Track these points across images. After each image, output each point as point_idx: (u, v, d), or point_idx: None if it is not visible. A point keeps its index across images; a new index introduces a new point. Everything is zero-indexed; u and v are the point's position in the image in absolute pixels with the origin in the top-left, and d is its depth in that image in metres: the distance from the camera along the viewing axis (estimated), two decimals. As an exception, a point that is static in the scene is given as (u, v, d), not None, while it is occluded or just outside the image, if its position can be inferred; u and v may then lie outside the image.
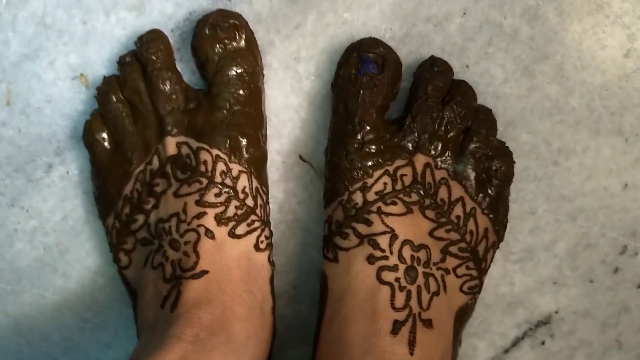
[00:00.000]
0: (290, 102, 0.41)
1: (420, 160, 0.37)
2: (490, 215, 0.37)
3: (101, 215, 0.41)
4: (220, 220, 0.36)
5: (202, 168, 0.37)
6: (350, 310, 0.35)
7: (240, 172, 0.37)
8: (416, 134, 0.37)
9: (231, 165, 0.37)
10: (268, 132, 0.41)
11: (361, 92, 0.36)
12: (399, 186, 0.36)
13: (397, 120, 0.38)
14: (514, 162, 0.38)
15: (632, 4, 0.38)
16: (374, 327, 0.34)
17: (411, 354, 0.33)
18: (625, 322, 0.42)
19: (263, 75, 0.40)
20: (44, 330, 0.45)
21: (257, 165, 0.38)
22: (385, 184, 0.36)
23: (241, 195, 0.37)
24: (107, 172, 0.39)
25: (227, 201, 0.37)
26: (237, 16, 0.38)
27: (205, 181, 0.36)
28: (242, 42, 0.38)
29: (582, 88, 0.39)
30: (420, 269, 0.35)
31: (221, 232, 0.36)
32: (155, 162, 0.38)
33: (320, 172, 0.41)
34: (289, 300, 0.43)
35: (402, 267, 0.35)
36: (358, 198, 0.36)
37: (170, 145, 0.38)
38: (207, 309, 0.34)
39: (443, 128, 0.37)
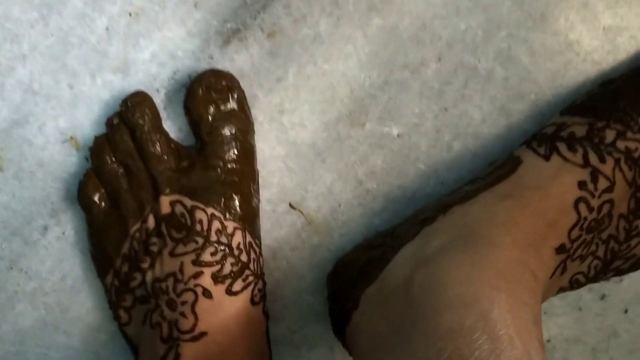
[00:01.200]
0: (276, 152, 0.42)
1: None
2: None
3: (99, 273, 0.41)
4: (217, 279, 0.37)
5: (198, 227, 0.38)
6: (534, 204, 0.34)
7: (235, 228, 0.38)
8: None
9: (226, 223, 0.38)
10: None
11: None
12: None
13: None
14: None
15: (601, 41, 0.39)
16: (546, 232, 0.34)
17: (551, 277, 0.34)
18: (615, 346, 0.43)
19: (254, 132, 0.41)
20: (49, 388, 0.46)
21: (250, 220, 0.39)
22: (637, 149, 0.36)
23: (236, 252, 0.38)
24: (104, 231, 0.40)
25: (223, 259, 0.37)
26: (230, 77, 0.39)
27: (201, 240, 0.37)
28: (235, 103, 0.39)
29: (558, 124, 0.40)
30: (596, 231, 0.35)
31: (218, 290, 0.37)
32: (151, 221, 0.39)
33: (310, 219, 0.42)
34: (287, 346, 0.44)
35: (594, 215, 0.35)
36: (610, 136, 0.35)
37: (165, 204, 0.38)
38: None
39: None
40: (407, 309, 0.32)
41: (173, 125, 0.41)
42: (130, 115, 0.39)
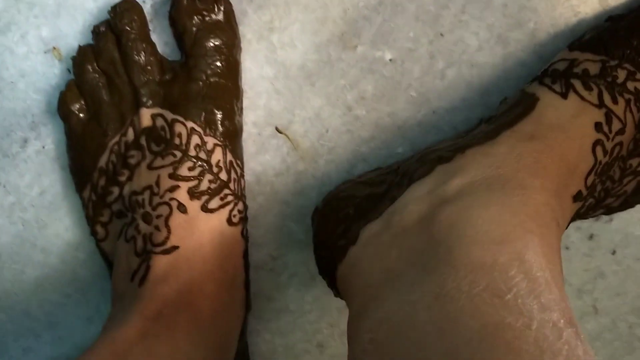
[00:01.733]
0: (264, 73, 0.40)
1: None
2: (635, 188, 0.37)
3: (77, 187, 0.41)
4: (193, 194, 0.36)
5: (177, 141, 0.37)
6: (557, 146, 0.33)
7: (215, 145, 0.37)
8: None
9: (206, 139, 0.37)
10: (244, 104, 0.41)
11: None
12: None
13: None
14: None
15: (606, -31, 0.38)
16: (568, 179, 0.32)
17: (565, 228, 0.33)
18: (601, 287, 0.42)
19: (240, 49, 0.40)
20: (25, 306, 0.45)
21: (232, 139, 0.38)
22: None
23: (215, 169, 0.37)
24: (83, 143, 0.39)
25: (201, 175, 0.37)
26: None
27: (179, 154, 0.36)
28: (221, 15, 0.38)
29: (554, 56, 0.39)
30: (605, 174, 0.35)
31: (194, 206, 0.36)
32: (130, 134, 0.38)
33: (297, 144, 0.41)
34: (267, 272, 0.43)
35: (607, 158, 0.34)
36: (621, 76, 0.34)
37: (145, 117, 0.37)
38: (174, 286, 0.34)
39: None
40: (428, 244, 0.30)
41: (159, 40, 0.40)
42: (117, 21, 0.37)
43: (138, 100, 0.38)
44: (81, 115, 0.39)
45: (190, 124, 0.37)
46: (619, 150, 0.34)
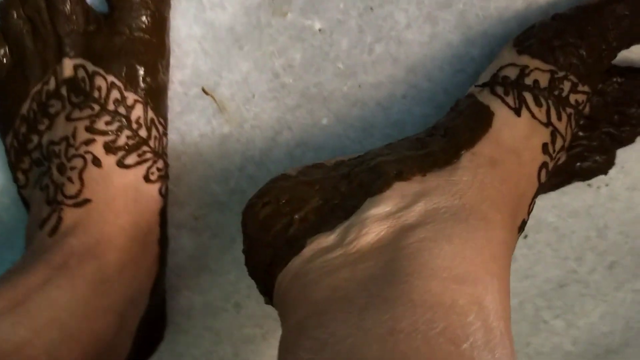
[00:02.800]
0: (193, 32, 0.40)
1: (587, 108, 0.36)
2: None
3: (1, 133, 0.41)
4: (109, 148, 0.36)
5: (96, 94, 0.37)
6: (510, 174, 0.32)
7: (136, 101, 0.37)
8: (605, 95, 0.36)
9: (126, 94, 0.37)
10: (171, 62, 0.40)
11: (633, 29, 0.34)
12: (584, 112, 0.35)
13: (617, 68, 0.36)
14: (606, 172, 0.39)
15: (539, -44, 0.38)
16: (516, 208, 0.32)
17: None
18: (511, 269, 0.43)
19: (169, 6, 0.39)
20: (-50, 246, 0.46)
21: (155, 96, 0.38)
22: (582, 102, 0.34)
23: (134, 126, 0.37)
24: (6, 89, 0.39)
25: (119, 130, 0.37)
26: None
27: (97, 107, 0.36)
28: None
29: (484, 39, 0.39)
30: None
31: (109, 161, 0.36)
32: (52, 83, 0.38)
33: (222, 107, 0.41)
34: (189, 231, 0.44)
35: (546, 177, 0.34)
36: (566, 89, 0.34)
37: (68, 67, 0.37)
38: (82, 238, 0.35)
39: (615, 113, 0.37)
40: (386, 271, 0.28)
41: (89, -9, 0.39)
42: None
43: (61, 49, 0.37)
44: (5, 60, 0.39)
45: (110, 78, 0.37)
46: (554, 165, 0.34)
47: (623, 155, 0.40)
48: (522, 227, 0.33)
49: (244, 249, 0.34)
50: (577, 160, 0.38)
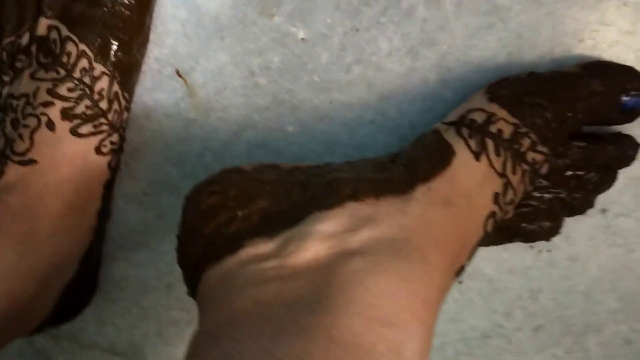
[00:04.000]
0: (178, 13, 0.40)
1: (545, 169, 0.36)
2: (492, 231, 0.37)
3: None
4: (66, 115, 0.36)
5: (65, 59, 0.36)
6: (459, 219, 0.32)
7: (103, 73, 0.37)
8: (565, 157, 0.36)
9: (95, 65, 0.37)
10: (150, 39, 0.40)
11: (609, 105, 0.35)
12: (540, 172, 0.35)
13: (580, 133, 0.37)
14: (550, 239, 0.40)
15: (532, 18, 0.37)
16: (458, 254, 0.32)
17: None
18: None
19: (158, -19, 0.39)
20: None
21: (124, 71, 0.38)
22: (539, 161, 0.35)
23: (96, 97, 0.37)
24: None
25: (80, 98, 0.37)
26: None
27: (62, 72, 0.36)
28: None
29: (459, 84, 0.39)
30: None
31: (63, 126, 0.36)
32: (25, 39, 0.37)
33: (193, 92, 0.41)
34: (136, 206, 0.44)
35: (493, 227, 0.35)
36: (525, 145, 0.34)
37: (42, 26, 0.37)
38: (19, 197, 0.35)
39: (570, 174, 0.37)
40: (315, 294, 0.27)
41: (83, -51, 0.39)
42: None
43: (40, 8, 0.37)
44: None
45: (82, 46, 0.37)
46: (501, 218, 0.35)
47: (572, 225, 0.41)
48: (459, 273, 0.33)
49: (178, 235, 0.33)
50: (524, 220, 0.38)
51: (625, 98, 0.35)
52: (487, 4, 0.37)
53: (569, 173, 0.37)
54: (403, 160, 0.34)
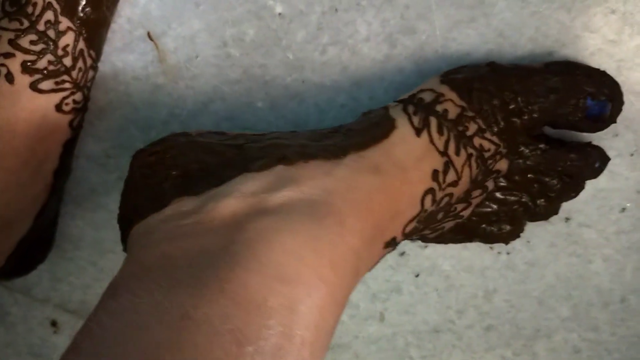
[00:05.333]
0: (154, -26, 0.38)
1: (502, 165, 0.35)
2: (452, 228, 0.37)
3: None
4: (26, 68, 0.35)
5: (29, 9, 0.35)
6: (393, 188, 0.32)
7: (69, 28, 0.36)
8: (526, 158, 0.36)
9: (61, 19, 0.36)
10: (124, -4, 0.39)
11: (568, 100, 0.34)
12: (489, 162, 0.35)
13: (538, 132, 0.36)
14: (509, 243, 0.39)
15: (516, 14, 0.36)
16: (387, 224, 0.31)
17: (369, 270, 0.33)
18: (394, 300, 0.43)
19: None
20: None
21: (92, 28, 0.37)
22: (489, 149, 0.34)
23: (60, 52, 0.36)
24: None
25: (42, 52, 0.35)
26: None
27: (26, 23, 0.35)
28: None
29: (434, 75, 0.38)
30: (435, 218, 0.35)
31: (23, 80, 0.35)
32: None
33: (163, 57, 0.40)
34: (98, 166, 0.43)
35: (434, 207, 0.34)
36: (472, 129, 0.34)
37: None
38: None
39: (532, 177, 0.36)
40: (219, 250, 0.26)
41: None
42: None
43: None
44: None
45: None
46: (447, 201, 0.34)
47: (534, 230, 0.40)
48: (390, 244, 0.32)
49: (122, 195, 0.33)
50: (484, 221, 0.38)
51: (590, 102, 0.34)
52: (471, -2, 0.36)
53: (531, 176, 0.36)
54: (343, 131, 0.34)
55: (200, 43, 0.39)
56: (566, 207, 0.39)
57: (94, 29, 0.37)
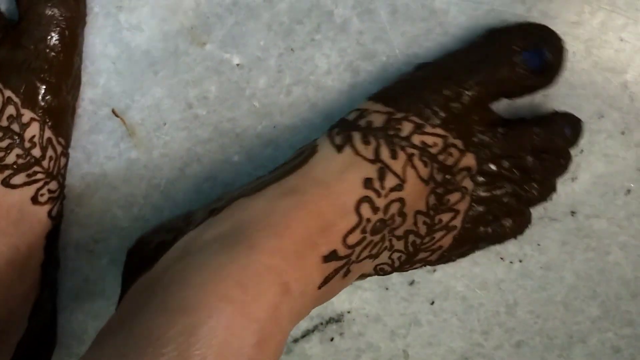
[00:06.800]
0: (108, 51, 0.38)
1: (468, 160, 0.34)
2: (455, 243, 0.35)
3: None
4: None
5: None
6: (314, 204, 0.31)
7: (32, 119, 0.36)
8: (489, 145, 0.34)
9: (23, 111, 0.35)
10: (83, 80, 0.39)
11: (503, 66, 0.33)
12: (440, 157, 0.33)
13: (494, 117, 0.35)
14: (514, 238, 0.37)
15: (468, 17, 0.36)
16: (317, 238, 0.31)
17: (319, 288, 0.31)
18: (414, 334, 0.41)
19: (85, 22, 0.38)
20: None
21: (56, 115, 0.37)
22: (435, 144, 0.33)
23: (27, 144, 0.35)
24: None
25: (9, 148, 0.35)
26: None
27: (-12, 122, 0.35)
28: None
29: (404, 94, 0.37)
30: (385, 231, 0.33)
31: None
32: None
33: (132, 131, 0.40)
34: (88, 254, 0.42)
35: (379, 215, 0.32)
36: (406, 129, 0.33)
37: None
38: None
39: (508, 165, 0.35)
40: (147, 295, 0.29)
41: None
42: None
43: None
44: None
45: (8, 93, 0.35)
46: (399, 206, 0.33)
47: (540, 232, 0.38)
48: (332, 257, 0.31)
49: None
50: (481, 224, 0.36)
51: (526, 55, 0.33)
52: (423, 10, 0.36)
53: (506, 163, 0.35)
54: (276, 167, 0.35)
55: (166, 109, 0.39)
56: (569, 200, 0.37)
57: (59, 116, 0.37)
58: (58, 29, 0.36)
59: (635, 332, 0.40)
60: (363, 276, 0.36)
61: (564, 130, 0.34)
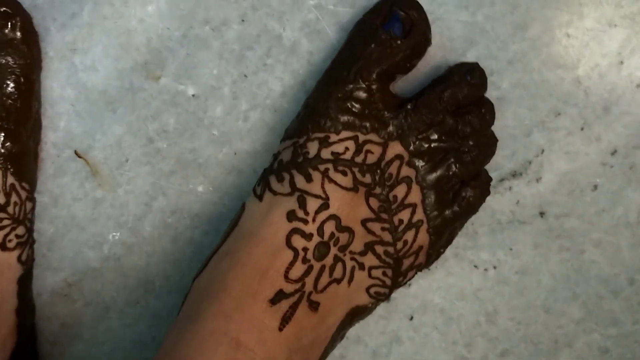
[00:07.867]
0: (66, 94, 0.39)
1: (395, 148, 0.33)
2: (432, 237, 0.35)
3: None
4: None
5: None
6: (246, 256, 0.32)
7: None
8: (407, 125, 0.33)
9: None
10: (43, 124, 0.39)
11: (372, 45, 0.33)
12: (358, 159, 0.33)
13: (401, 100, 0.35)
14: (484, 201, 0.36)
15: (416, 27, 0.36)
16: (257, 286, 0.31)
17: (280, 329, 0.31)
18: (396, 352, 0.40)
19: (41, 68, 0.38)
20: None
21: (17, 161, 0.37)
22: (347, 148, 0.33)
23: None
24: None
25: None
26: (14, 4, 0.37)
27: (-52, 173, 0.35)
28: (17, 32, 0.36)
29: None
30: (334, 250, 0.32)
31: None
32: None
33: (96, 170, 0.40)
34: (62, 298, 0.42)
35: (316, 239, 0.32)
36: (313, 148, 0.33)
37: None
38: None
39: (437, 136, 0.34)
40: None
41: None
42: None
43: None
44: None
45: None
46: (336, 224, 0.32)
47: (510, 236, 0.38)
48: (279, 298, 0.31)
49: None
50: (444, 207, 0.35)
51: (386, 27, 0.34)
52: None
53: (434, 136, 0.34)
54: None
55: (127, 146, 0.39)
56: (536, 201, 0.37)
57: (20, 162, 0.37)
58: (13, 76, 0.36)
59: (622, 331, 0.39)
60: (365, 310, 0.36)
61: (465, 77, 0.34)
